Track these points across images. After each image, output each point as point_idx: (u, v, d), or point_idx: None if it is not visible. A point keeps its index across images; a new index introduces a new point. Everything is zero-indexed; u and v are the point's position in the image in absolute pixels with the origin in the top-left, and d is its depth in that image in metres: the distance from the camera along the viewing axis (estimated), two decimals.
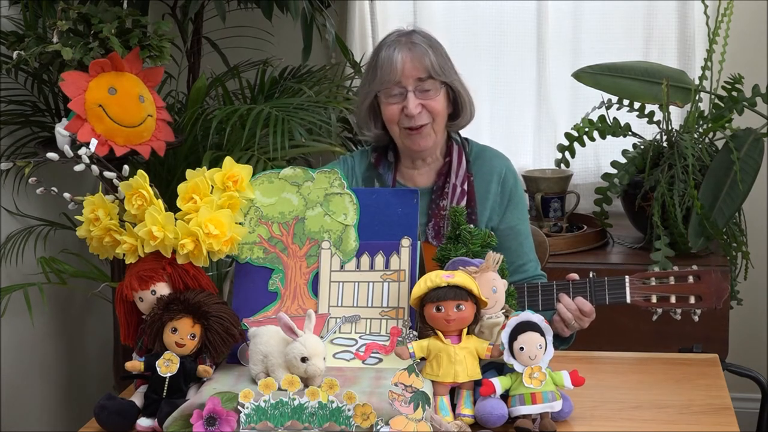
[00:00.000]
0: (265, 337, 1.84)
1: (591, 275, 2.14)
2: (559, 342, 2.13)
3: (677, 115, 3.25)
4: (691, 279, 2.09)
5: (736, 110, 2.98)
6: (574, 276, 2.15)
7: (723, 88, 3.02)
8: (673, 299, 2.09)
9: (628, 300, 2.10)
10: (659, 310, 2.10)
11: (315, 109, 2.94)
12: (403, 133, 2.29)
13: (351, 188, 2.06)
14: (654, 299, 2.09)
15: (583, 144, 3.15)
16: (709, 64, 2.97)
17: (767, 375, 2.74)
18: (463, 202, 2.31)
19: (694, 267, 2.10)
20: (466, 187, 2.33)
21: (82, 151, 1.99)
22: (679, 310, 2.09)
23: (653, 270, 2.14)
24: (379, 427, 1.68)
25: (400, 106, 2.26)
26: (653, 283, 2.09)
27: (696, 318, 2.10)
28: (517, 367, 1.78)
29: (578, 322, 2.12)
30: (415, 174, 2.37)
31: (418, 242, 2.01)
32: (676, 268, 2.12)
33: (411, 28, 2.34)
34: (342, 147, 2.96)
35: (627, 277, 2.11)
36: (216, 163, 2.63)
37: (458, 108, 2.32)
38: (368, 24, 3.46)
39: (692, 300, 2.08)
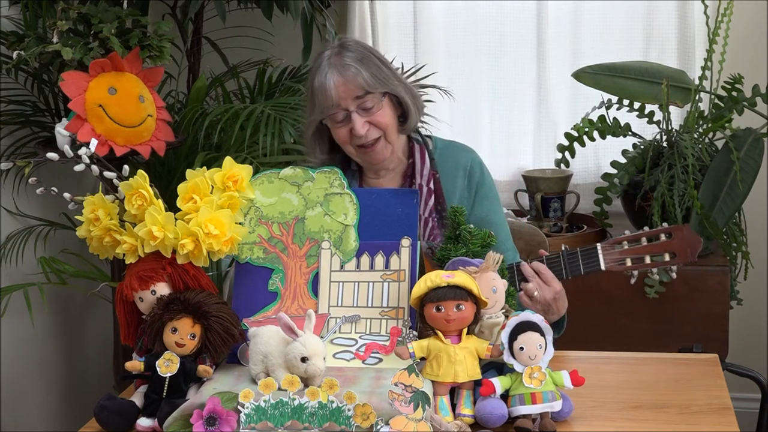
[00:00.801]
0: (265, 337, 1.84)
1: (563, 248, 2.13)
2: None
3: (677, 115, 3.25)
4: (663, 237, 2.09)
5: (736, 110, 2.98)
6: (546, 252, 2.15)
7: (723, 88, 3.02)
8: (647, 259, 2.09)
9: (603, 267, 2.10)
10: (635, 273, 2.10)
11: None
12: (359, 152, 2.26)
13: (351, 188, 2.06)
14: (629, 262, 2.09)
15: (583, 144, 3.15)
16: (709, 64, 2.97)
17: (767, 375, 2.74)
18: (431, 201, 2.29)
19: (665, 224, 2.10)
20: (432, 185, 2.31)
21: (82, 151, 1.99)
22: (655, 270, 2.09)
23: (624, 234, 2.14)
24: (379, 427, 1.68)
25: (347, 128, 2.22)
26: (626, 247, 2.09)
27: (674, 275, 2.09)
28: (517, 367, 1.78)
29: (542, 292, 2.09)
30: (381, 181, 2.34)
31: (418, 242, 2.01)
32: (646, 228, 2.12)
33: (341, 41, 2.27)
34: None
35: (599, 244, 2.11)
36: (210, 163, 2.63)
37: (405, 110, 2.29)
38: (368, 24, 3.46)
39: (667, 257, 2.08)
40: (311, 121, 2.28)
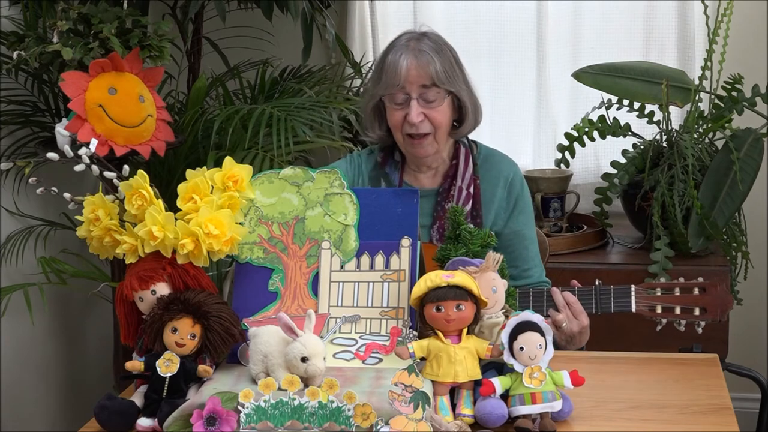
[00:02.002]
0: (265, 337, 1.84)
1: (597, 283, 2.14)
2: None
3: (677, 115, 3.25)
4: (696, 291, 2.09)
5: (736, 110, 2.98)
6: (578, 284, 2.15)
7: (723, 88, 3.02)
8: (677, 310, 2.09)
9: (633, 309, 2.10)
10: (663, 321, 2.11)
11: (316, 108, 2.95)
12: (406, 141, 2.30)
13: (351, 188, 2.06)
14: (659, 309, 2.10)
15: (583, 144, 3.15)
16: (709, 64, 2.97)
17: (767, 375, 2.74)
18: (469, 205, 2.31)
19: (700, 279, 2.10)
20: (471, 190, 2.33)
21: (82, 151, 1.99)
22: (683, 321, 2.10)
23: (659, 281, 2.15)
24: (379, 427, 1.68)
25: (403, 112, 2.25)
26: (658, 294, 2.10)
27: (700, 330, 2.10)
28: (517, 367, 1.78)
29: (570, 325, 2.11)
30: (422, 176, 2.37)
31: (418, 242, 2.01)
32: (682, 280, 2.12)
33: (422, 30, 2.33)
34: (349, 142, 2.94)
35: (633, 286, 2.11)
36: (219, 163, 2.63)
37: (462, 115, 2.32)
38: (368, 24, 3.46)
39: (696, 312, 2.09)
40: (373, 95, 2.31)
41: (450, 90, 2.26)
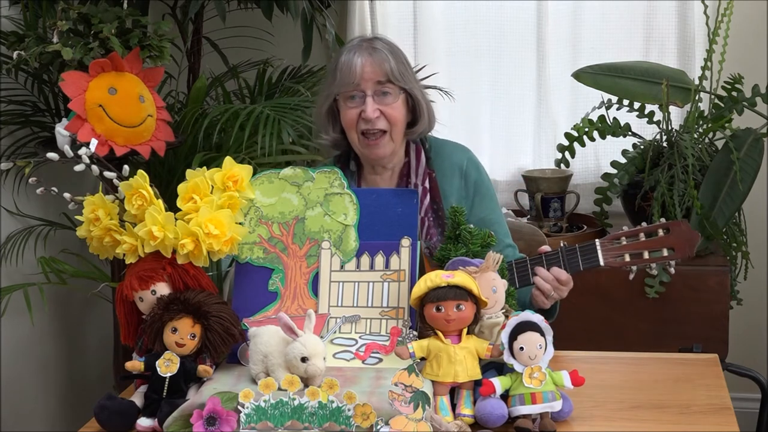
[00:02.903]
0: (265, 337, 1.84)
1: (562, 244, 2.14)
2: (544, 315, 2.13)
3: (677, 115, 3.25)
4: (661, 232, 2.10)
5: (736, 110, 2.98)
6: (546, 248, 2.16)
7: (723, 88, 3.02)
8: (646, 255, 2.10)
9: (602, 262, 2.11)
10: (634, 268, 2.11)
11: (310, 109, 2.94)
12: (361, 142, 2.27)
13: (351, 188, 2.06)
14: (627, 258, 2.10)
15: (583, 144, 3.15)
16: (709, 64, 2.97)
17: (767, 375, 2.74)
18: (427, 199, 2.30)
19: (663, 220, 2.11)
20: (427, 184, 2.32)
21: (82, 151, 1.99)
22: (654, 265, 2.10)
23: (623, 230, 2.14)
24: (379, 427, 1.68)
25: (358, 110, 2.24)
26: (624, 243, 2.10)
27: (672, 270, 2.10)
28: (517, 367, 1.78)
29: (557, 292, 2.12)
30: (378, 180, 2.34)
31: (418, 242, 2.01)
32: (644, 224, 2.13)
33: (373, 35, 2.35)
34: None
35: (597, 240, 2.11)
36: (208, 164, 2.63)
37: (416, 115, 2.31)
38: (368, 24, 3.46)
39: (665, 252, 2.09)
40: (327, 96, 2.31)
41: (404, 88, 2.26)
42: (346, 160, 2.35)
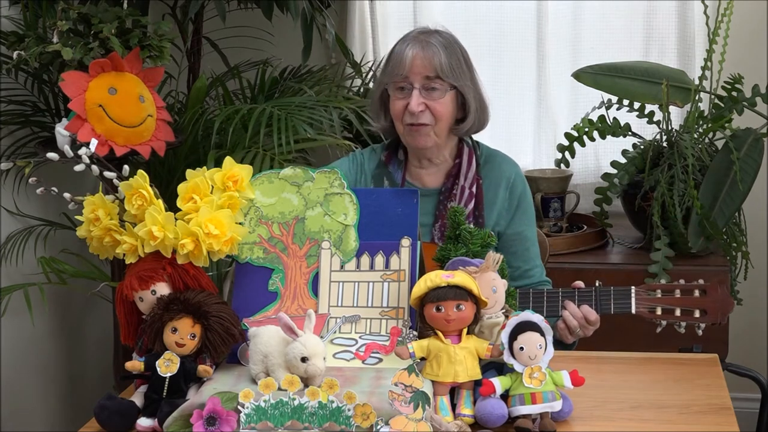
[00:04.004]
0: (265, 337, 1.84)
1: (597, 284, 2.14)
2: (561, 348, 2.13)
3: (677, 115, 3.25)
4: (696, 293, 2.08)
5: (736, 110, 2.98)
6: (580, 284, 2.15)
7: (723, 88, 3.02)
8: (677, 312, 2.08)
9: (633, 311, 2.10)
10: (663, 323, 2.10)
11: (317, 108, 2.95)
12: (406, 130, 2.30)
13: (351, 188, 2.06)
14: (659, 311, 2.09)
15: (583, 144, 3.15)
16: (709, 64, 2.97)
17: (767, 375, 2.74)
18: (471, 205, 2.31)
19: (701, 281, 2.10)
20: (474, 189, 2.33)
21: (82, 151, 1.99)
22: (683, 324, 2.09)
23: (660, 282, 2.14)
24: (379, 427, 1.68)
25: (405, 102, 2.26)
26: (659, 295, 2.09)
27: (700, 332, 2.10)
28: (517, 367, 1.78)
29: (583, 330, 2.12)
30: (424, 174, 2.37)
31: (418, 242, 2.01)
32: (682, 281, 2.12)
33: (434, 27, 2.34)
34: (349, 141, 2.94)
35: (633, 288, 2.10)
36: (220, 162, 2.63)
37: (465, 114, 2.32)
38: (368, 24, 3.46)
39: (697, 314, 2.08)
40: (380, 83, 2.35)
41: (454, 84, 2.26)
42: (395, 149, 2.37)
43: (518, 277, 2.29)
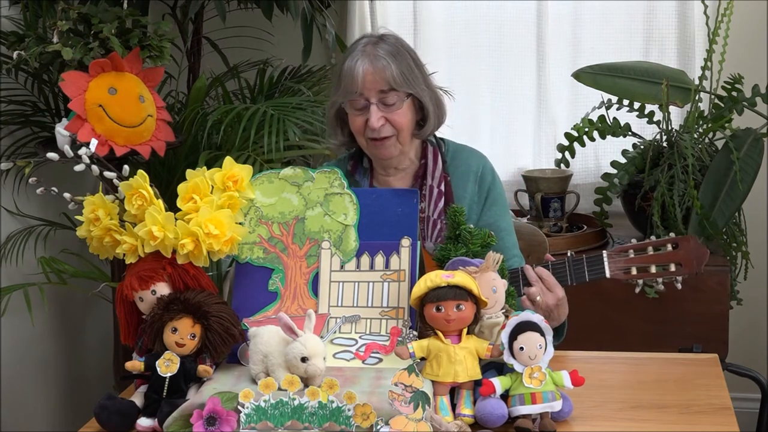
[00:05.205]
0: (265, 337, 1.84)
1: (569, 254, 2.13)
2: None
3: (677, 115, 3.25)
4: (669, 247, 2.08)
5: (736, 110, 2.98)
6: (552, 257, 2.15)
7: (723, 88, 3.02)
8: (653, 269, 2.08)
9: (608, 274, 2.10)
10: (640, 282, 2.10)
11: (313, 108, 2.95)
12: (369, 144, 2.28)
13: (351, 188, 2.06)
14: (634, 271, 2.09)
15: (583, 144, 3.15)
16: (709, 64, 2.97)
17: (767, 375, 2.74)
18: (441, 203, 2.30)
19: (672, 235, 2.09)
20: (443, 188, 2.32)
21: (82, 151, 1.99)
22: (660, 279, 2.08)
23: (630, 243, 2.13)
24: (379, 427, 1.68)
25: (364, 118, 2.24)
26: (632, 256, 2.09)
27: (679, 286, 2.09)
28: (517, 367, 1.78)
29: (544, 298, 2.09)
30: (391, 180, 2.35)
31: (418, 242, 2.01)
32: (653, 238, 2.12)
33: (380, 33, 2.31)
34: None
35: (605, 252, 2.10)
36: (212, 163, 2.63)
37: (424, 117, 2.30)
38: (368, 24, 3.46)
39: (672, 268, 2.07)
40: (333, 102, 2.31)
41: (409, 92, 2.25)
42: (360, 157, 2.37)
43: None
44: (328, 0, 3.30)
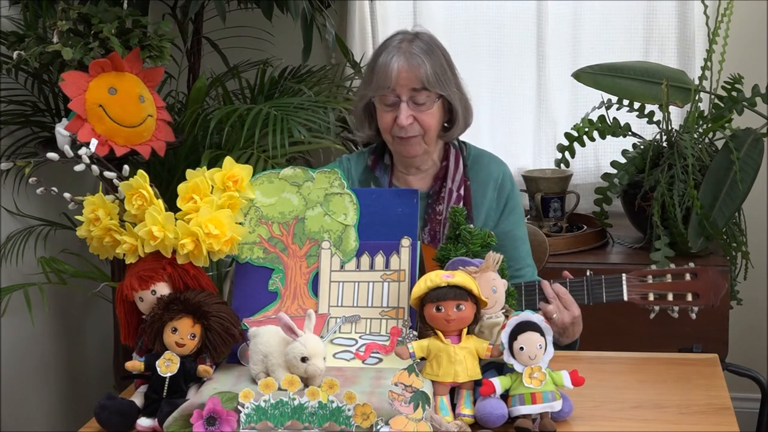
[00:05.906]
0: (265, 337, 1.84)
1: (588, 273, 2.14)
2: (560, 348, 2.12)
3: (677, 115, 3.25)
4: (688, 276, 2.08)
5: (735, 110, 2.98)
6: (569, 274, 2.15)
7: (723, 88, 3.02)
8: (670, 297, 2.08)
9: (626, 298, 2.10)
10: (656, 308, 2.10)
11: (315, 109, 2.95)
12: (395, 141, 2.30)
13: (351, 188, 2.06)
14: (651, 297, 2.09)
15: (583, 144, 3.15)
16: (709, 64, 2.97)
17: (767, 375, 2.74)
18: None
19: (691, 264, 2.10)
20: (462, 191, 2.33)
21: (82, 151, 1.99)
22: (676, 308, 2.09)
23: (651, 268, 2.14)
24: (379, 427, 1.68)
25: (393, 114, 2.25)
26: (650, 281, 2.09)
27: (693, 316, 2.10)
28: (517, 367, 1.78)
29: (561, 315, 2.10)
30: (411, 179, 2.37)
31: (418, 242, 2.01)
32: (673, 266, 2.12)
33: (415, 30, 2.32)
34: (342, 145, 2.96)
35: (624, 275, 2.11)
36: (215, 162, 2.63)
37: (452, 119, 2.32)
38: (368, 24, 3.46)
39: (689, 297, 2.08)
40: (363, 95, 2.32)
41: (440, 93, 2.26)
42: (381, 153, 2.37)
43: (508, 277, 2.29)
44: (328, 0, 3.30)
